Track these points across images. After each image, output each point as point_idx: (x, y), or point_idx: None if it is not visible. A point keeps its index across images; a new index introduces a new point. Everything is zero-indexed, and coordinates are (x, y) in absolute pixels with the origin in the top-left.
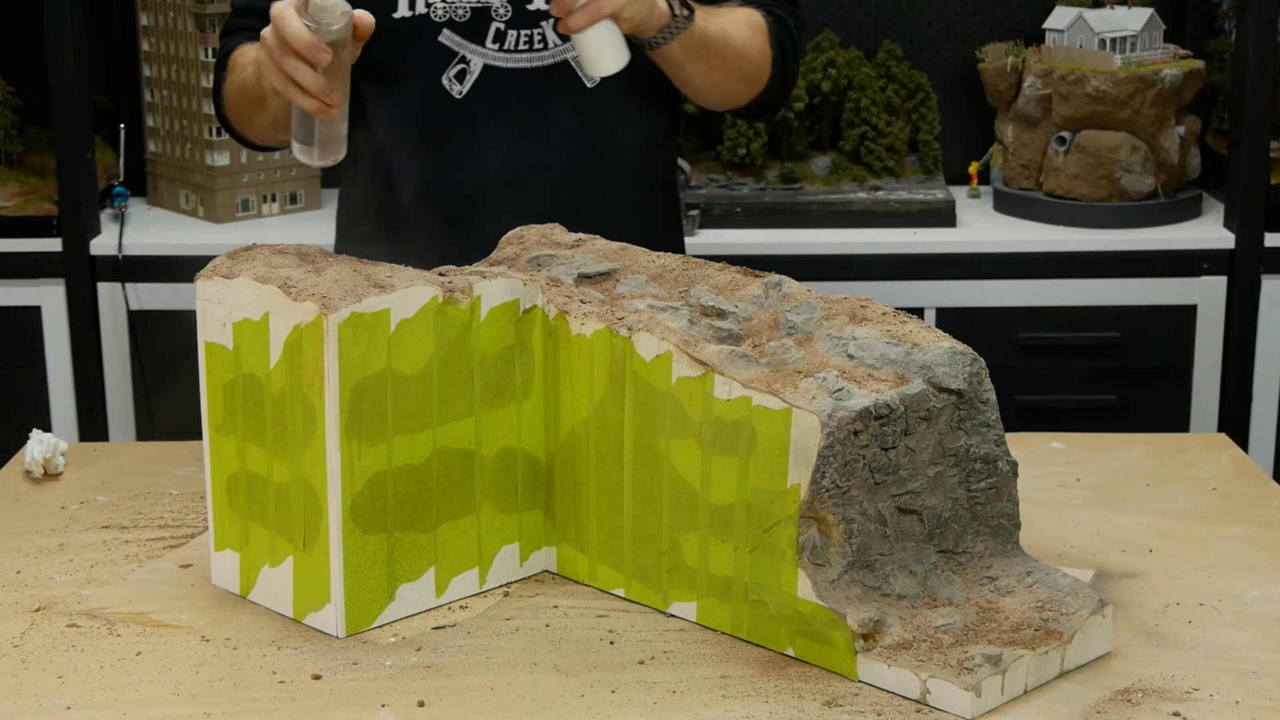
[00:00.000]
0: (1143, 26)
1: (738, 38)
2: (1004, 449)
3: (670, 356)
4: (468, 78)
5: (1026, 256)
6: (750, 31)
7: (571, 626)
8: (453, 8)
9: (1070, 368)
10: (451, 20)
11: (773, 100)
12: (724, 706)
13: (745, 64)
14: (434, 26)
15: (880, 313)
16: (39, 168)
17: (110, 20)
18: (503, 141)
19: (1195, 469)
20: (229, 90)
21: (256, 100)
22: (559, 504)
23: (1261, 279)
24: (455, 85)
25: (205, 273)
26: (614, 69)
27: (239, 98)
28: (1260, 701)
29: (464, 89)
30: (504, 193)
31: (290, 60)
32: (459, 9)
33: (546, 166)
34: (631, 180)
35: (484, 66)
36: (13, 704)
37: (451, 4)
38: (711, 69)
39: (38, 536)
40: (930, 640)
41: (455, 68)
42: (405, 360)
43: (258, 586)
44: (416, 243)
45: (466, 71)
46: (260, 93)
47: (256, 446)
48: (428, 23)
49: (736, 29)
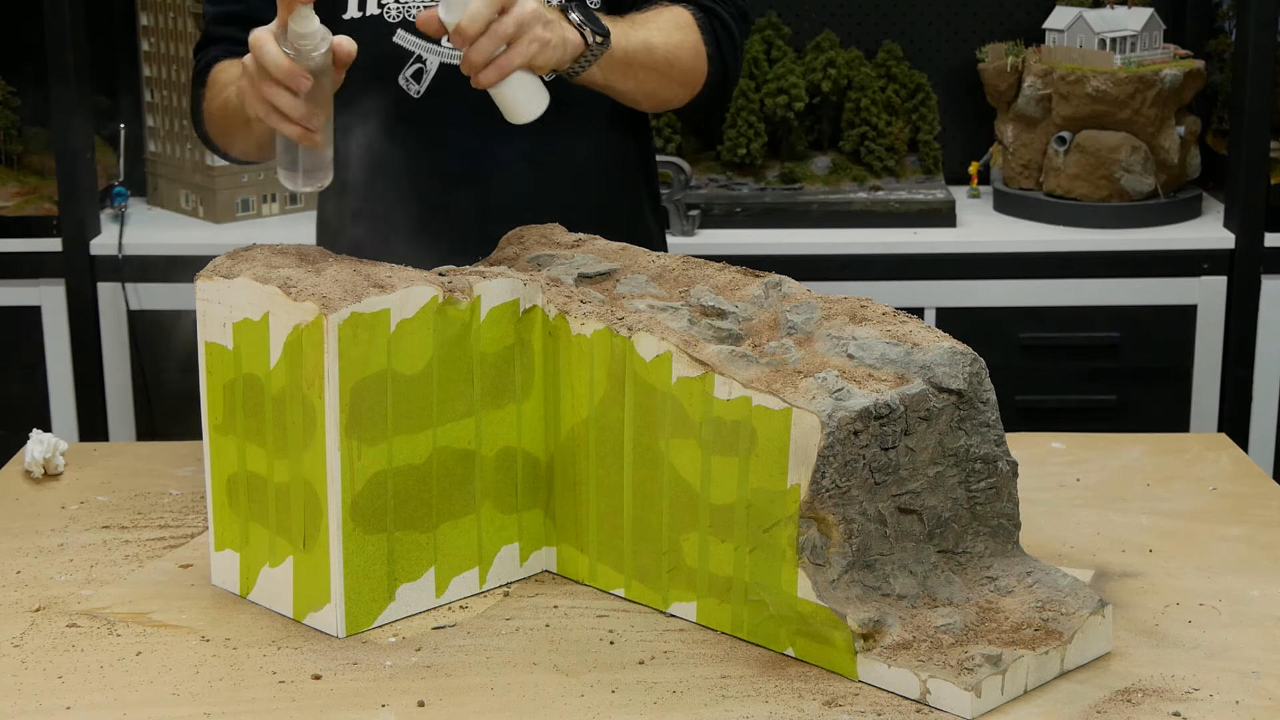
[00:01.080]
0: (1143, 26)
1: (664, 44)
2: (1004, 449)
3: (670, 356)
4: (424, 77)
5: (1026, 256)
6: (679, 34)
7: (571, 626)
8: (406, 8)
9: (1070, 368)
10: (405, 20)
11: (715, 96)
12: (724, 706)
13: (676, 69)
14: (388, 27)
15: (880, 313)
16: (39, 168)
17: (110, 20)
18: (462, 139)
19: (1195, 469)
20: (210, 109)
21: (240, 122)
22: (559, 504)
23: (1261, 279)
24: (413, 85)
25: (205, 273)
26: (533, 115)
27: (221, 118)
28: (1260, 701)
29: (421, 88)
30: (466, 190)
31: (271, 87)
32: (413, 9)
33: (508, 163)
34: (596, 176)
35: (440, 65)
36: (13, 704)
37: (405, 4)
38: (640, 81)
39: (38, 536)
40: (930, 640)
41: (412, 67)
42: (405, 360)
43: (258, 586)
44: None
45: (423, 71)
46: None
47: (256, 446)
48: (381, 23)
49: (663, 35)
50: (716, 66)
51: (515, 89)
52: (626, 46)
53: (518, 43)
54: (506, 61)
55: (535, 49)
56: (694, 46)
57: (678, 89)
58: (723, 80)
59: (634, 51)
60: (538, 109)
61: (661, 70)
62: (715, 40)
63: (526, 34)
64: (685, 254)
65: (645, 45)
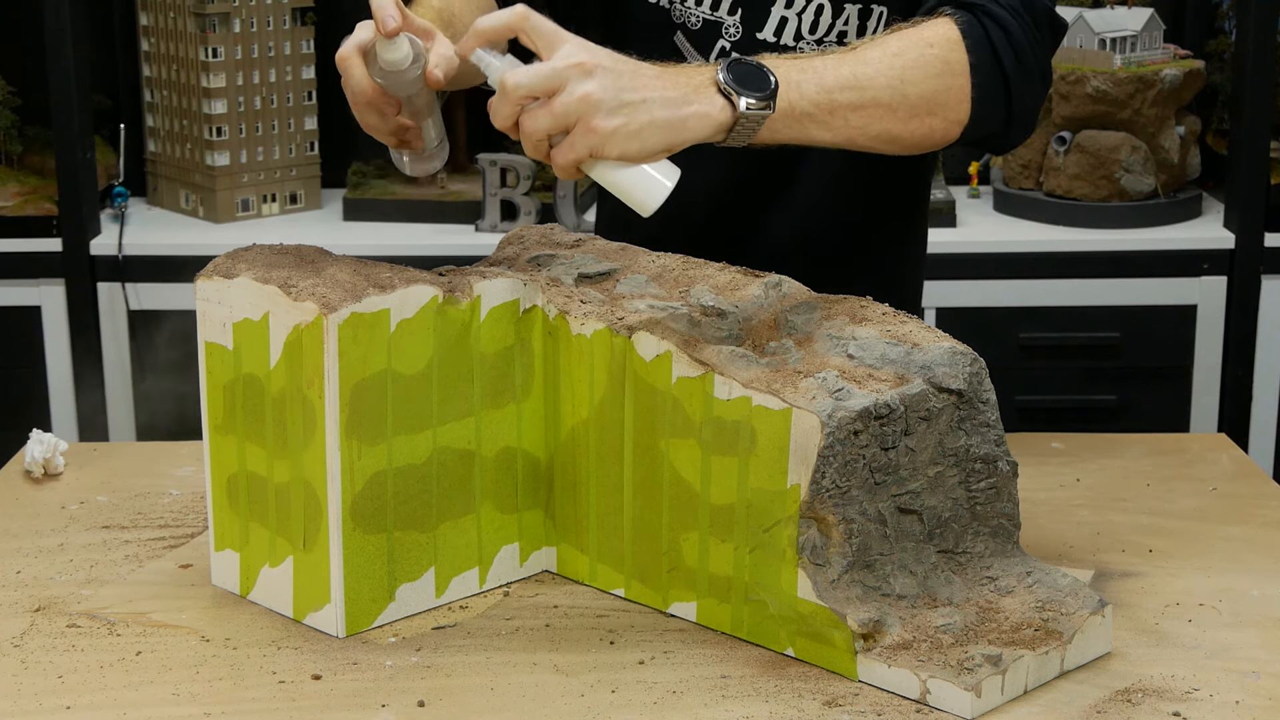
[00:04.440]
0: (1143, 26)
1: (887, 72)
2: (1004, 449)
3: (670, 356)
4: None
5: (1026, 256)
6: (915, 51)
7: (571, 626)
8: (689, 13)
9: (1070, 368)
10: (685, 25)
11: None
12: (724, 706)
13: (911, 98)
14: (671, 26)
15: (880, 313)
16: (39, 168)
17: (110, 20)
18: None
19: (1195, 469)
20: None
21: None
22: (559, 504)
23: (1261, 279)
24: None
25: (205, 273)
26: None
27: None
28: (1260, 701)
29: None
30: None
31: (360, 108)
32: (693, 16)
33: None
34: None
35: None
36: (13, 704)
37: (688, 9)
38: (855, 128)
39: (38, 536)
40: (930, 640)
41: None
42: (405, 360)
43: (258, 586)
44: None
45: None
46: None
47: (256, 446)
48: (668, 19)
49: (885, 63)
50: (985, 80)
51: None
52: (816, 95)
53: (571, 136)
54: (560, 159)
55: (594, 141)
56: (940, 62)
57: (923, 121)
58: (1003, 97)
59: (830, 96)
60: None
61: (884, 106)
62: (989, 50)
63: (578, 126)
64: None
65: (851, 82)
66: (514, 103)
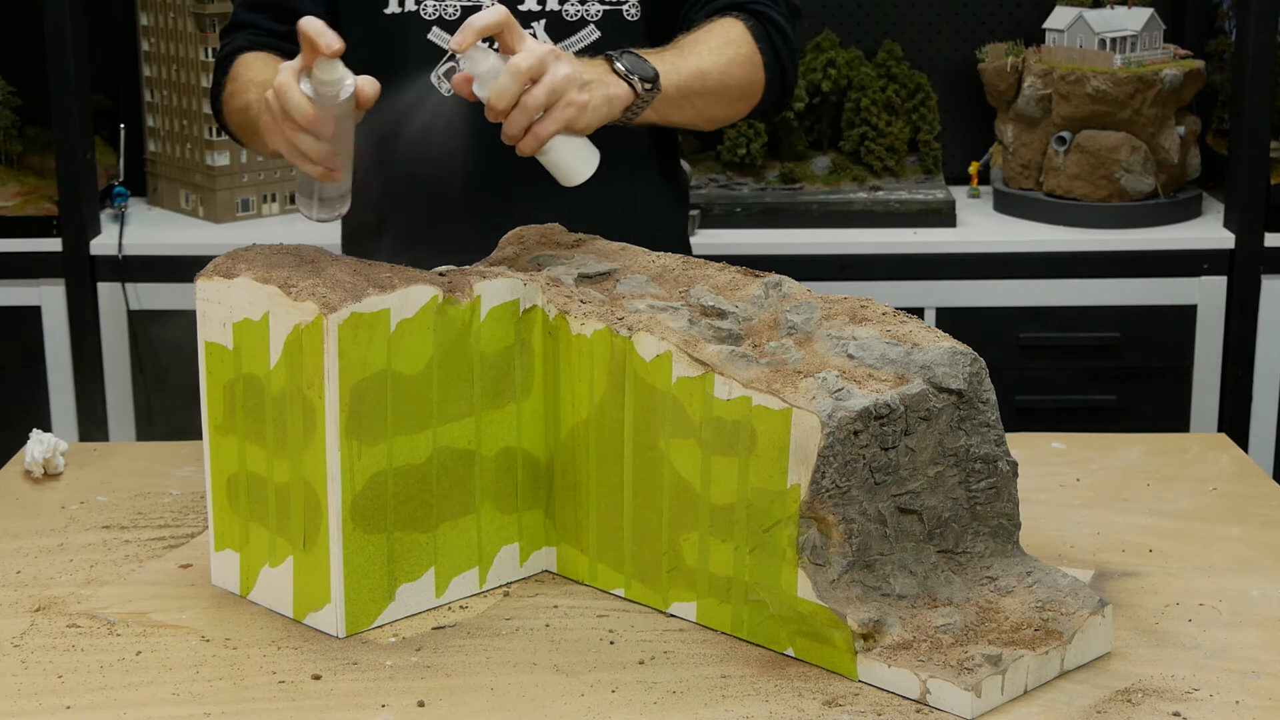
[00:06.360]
0: (1143, 26)
1: (717, 66)
2: (1004, 449)
3: (670, 356)
4: (456, 75)
5: (1026, 256)
6: (731, 49)
7: (571, 626)
8: (443, 6)
9: (1070, 368)
10: (441, 18)
11: (774, 101)
12: (724, 706)
13: (732, 88)
14: (423, 24)
15: (880, 313)
16: (39, 168)
17: (110, 20)
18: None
19: (1195, 469)
20: (229, 106)
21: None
22: (559, 504)
23: (1261, 279)
24: (444, 83)
25: (205, 272)
26: (583, 177)
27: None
28: (1260, 701)
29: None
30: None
31: (294, 130)
32: (449, 7)
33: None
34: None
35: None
36: (13, 704)
37: (442, 2)
38: (697, 110)
39: (38, 536)
40: (930, 640)
41: (444, 65)
42: (405, 360)
43: (258, 586)
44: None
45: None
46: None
47: (256, 446)
48: (417, 20)
49: (713, 56)
50: (774, 73)
51: (559, 154)
52: (679, 82)
53: (552, 110)
54: (542, 130)
55: (571, 114)
56: (748, 59)
57: (736, 105)
58: (781, 85)
59: (687, 84)
60: (586, 171)
61: (717, 93)
62: (771, 46)
63: (560, 100)
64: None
65: (698, 73)
66: (522, 82)
